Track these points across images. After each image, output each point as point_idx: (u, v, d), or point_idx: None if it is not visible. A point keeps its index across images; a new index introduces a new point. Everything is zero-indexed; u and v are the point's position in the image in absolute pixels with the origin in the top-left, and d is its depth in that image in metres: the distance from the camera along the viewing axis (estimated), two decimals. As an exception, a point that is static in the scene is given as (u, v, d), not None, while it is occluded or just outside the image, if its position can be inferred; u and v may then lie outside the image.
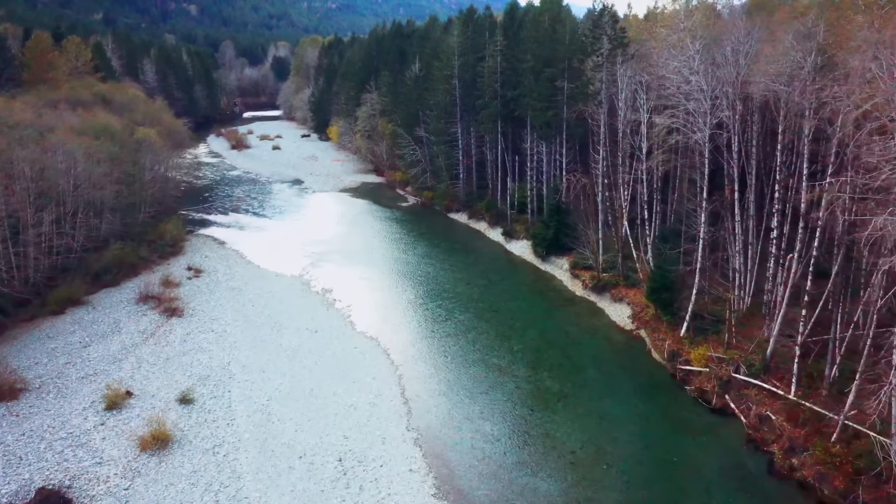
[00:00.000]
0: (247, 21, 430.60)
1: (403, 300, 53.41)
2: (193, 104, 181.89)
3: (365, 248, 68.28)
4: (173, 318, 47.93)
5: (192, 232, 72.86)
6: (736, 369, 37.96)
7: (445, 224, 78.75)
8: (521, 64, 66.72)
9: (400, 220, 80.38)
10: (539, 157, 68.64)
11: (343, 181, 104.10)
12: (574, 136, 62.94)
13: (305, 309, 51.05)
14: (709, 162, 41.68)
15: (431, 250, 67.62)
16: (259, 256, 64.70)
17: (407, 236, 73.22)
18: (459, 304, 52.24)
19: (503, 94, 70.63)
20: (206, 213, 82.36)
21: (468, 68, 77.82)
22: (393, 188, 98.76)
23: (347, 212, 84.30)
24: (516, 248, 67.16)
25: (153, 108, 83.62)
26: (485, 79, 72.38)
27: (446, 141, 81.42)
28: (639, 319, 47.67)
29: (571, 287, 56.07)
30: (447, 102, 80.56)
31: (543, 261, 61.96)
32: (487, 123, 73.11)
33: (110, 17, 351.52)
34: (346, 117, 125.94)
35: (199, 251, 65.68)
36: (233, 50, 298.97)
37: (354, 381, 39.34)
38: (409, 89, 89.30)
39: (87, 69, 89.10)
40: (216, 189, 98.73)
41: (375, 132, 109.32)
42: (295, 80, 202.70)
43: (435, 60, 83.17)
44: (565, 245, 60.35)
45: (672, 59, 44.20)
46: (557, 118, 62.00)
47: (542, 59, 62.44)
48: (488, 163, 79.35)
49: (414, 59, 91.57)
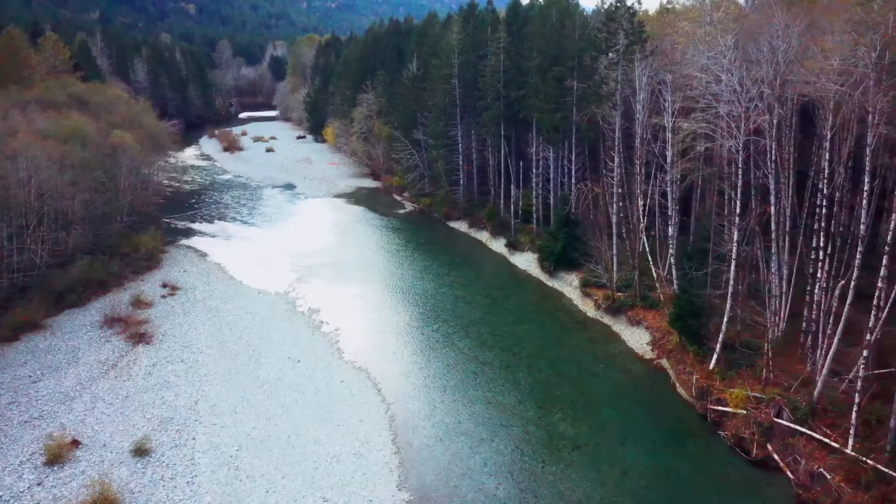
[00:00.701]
0: (245, 20, 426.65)
1: (398, 323, 48.38)
2: (187, 104, 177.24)
3: (358, 260, 63.27)
4: (140, 346, 42.91)
5: (174, 242, 67.89)
6: (778, 412, 32.94)
7: (445, 233, 73.74)
8: (526, 62, 61.74)
9: (396, 229, 75.37)
10: (545, 162, 63.65)
11: (337, 186, 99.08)
12: (584, 141, 57.96)
13: (289, 333, 46.04)
14: (742, 172, 36.66)
15: (430, 264, 62.60)
16: (243, 270, 59.69)
17: (403, 247, 68.21)
18: (460, 328, 47.22)
19: (506, 95, 65.63)
20: (191, 221, 77.37)
21: (469, 67, 72.82)
22: (390, 193, 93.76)
23: (340, 220, 79.30)
24: (521, 261, 62.14)
25: (135, 109, 78.70)
26: (487, 78, 67.39)
27: (445, 145, 76.42)
28: (660, 347, 42.63)
29: (582, 307, 51.04)
30: (446, 103, 75.58)
31: (551, 276, 56.95)
32: (489, 126, 68.12)
33: (106, 15, 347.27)
34: (341, 118, 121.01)
35: (178, 265, 60.68)
36: (230, 49, 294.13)
37: (339, 425, 34.31)
38: (406, 90, 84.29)
39: (65, 68, 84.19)
40: (204, 194, 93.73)
41: (372, 134, 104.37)
42: (291, 80, 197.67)
43: (433, 59, 78.20)
44: (574, 260, 55.46)
45: (699, 55, 39.21)
46: (566, 121, 57.01)
47: (550, 57, 57.46)
48: (490, 168, 74.36)
49: (411, 57, 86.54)
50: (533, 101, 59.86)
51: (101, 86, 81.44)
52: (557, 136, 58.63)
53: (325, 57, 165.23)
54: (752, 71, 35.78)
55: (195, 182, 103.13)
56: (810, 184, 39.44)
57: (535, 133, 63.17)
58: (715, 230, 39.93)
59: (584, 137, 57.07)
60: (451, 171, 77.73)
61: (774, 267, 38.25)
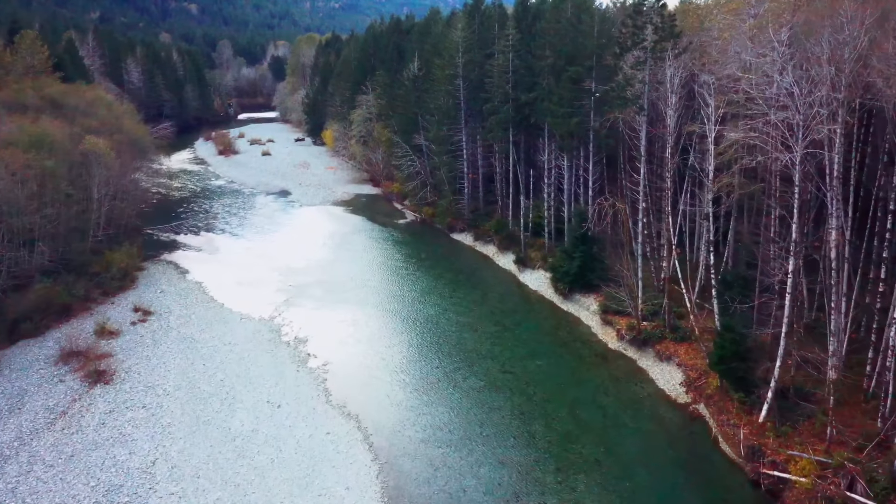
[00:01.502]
0: (248, 20, 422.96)
1: (394, 357, 42.75)
2: (183, 106, 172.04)
3: (353, 279, 57.68)
4: (97, 387, 37.41)
5: (154, 257, 62.48)
6: (850, 484, 27.24)
7: (448, 247, 68.10)
8: (537, 61, 56.10)
9: (396, 242, 69.78)
10: (558, 171, 58.03)
11: (335, 193, 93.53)
12: (602, 148, 52.27)
13: (271, 369, 40.48)
14: (800, 190, 30.97)
15: (432, 283, 56.99)
16: (226, 291, 54.18)
17: (403, 263, 62.60)
18: (464, 363, 41.60)
19: (516, 97, 59.99)
20: (176, 233, 71.89)
21: (474, 67, 67.22)
22: (390, 201, 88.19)
23: (336, 231, 73.73)
24: (531, 279, 56.48)
25: (116, 112, 73.38)
26: (494, 79, 61.78)
27: (449, 150, 70.84)
28: (696, 390, 36.92)
29: (603, 336, 45.37)
30: (450, 106, 69.98)
31: (565, 299, 51.29)
32: (497, 131, 62.48)
33: (107, 15, 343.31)
34: (341, 121, 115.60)
35: (155, 284, 55.22)
36: (230, 49, 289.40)
37: (321, 495, 28.72)
38: (406, 91, 78.71)
39: (43, 68, 79.00)
40: (193, 203, 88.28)
41: (371, 138, 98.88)
42: (291, 81, 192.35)
43: (436, 58, 72.59)
44: (592, 281, 49.89)
45: (744, 52, 33.54)
46: (583, 127, 51.34)
47: (565, 56, 51.82)
48: (497, 177, 68.71)
49: (412, 57, 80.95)
50: (545, 105, 54.23)
51: (81, 87, 76.07)
52: (572, 144, 52.98)
53: (325, 57, 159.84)
54: (812, 70, 30.10)
55: (185, 189, 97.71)
56: (877, 203, 33.78)
57: (546, 139, 57.53)
58: (761, 255, 34.25)
59: (602, 145, 51.37)
60: (455, 179, 72.19)
61: (833, 300, 32.56)
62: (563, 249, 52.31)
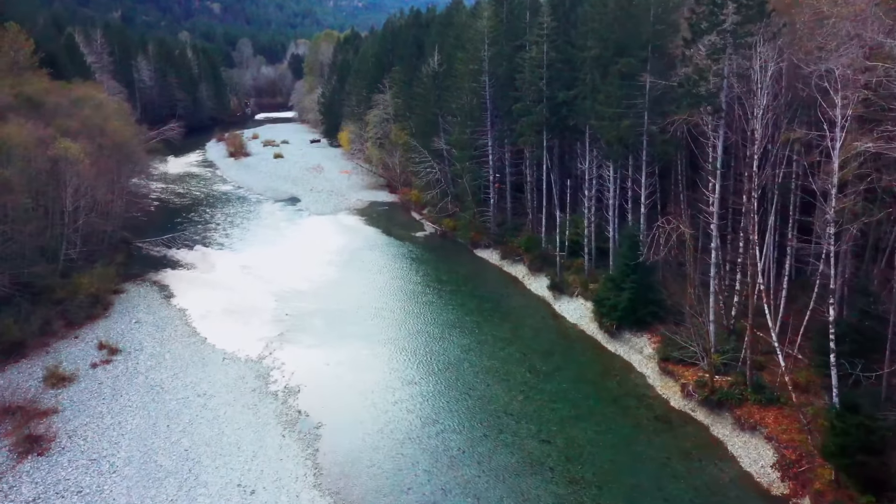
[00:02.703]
0: (270, 19, 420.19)
1: (405, 419, 34.44)
2: (197, 105, 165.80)
3: (360, 307, 49.57)
4: (27, 460, 29.68)
5: (137, 277, 55.09)
6: None
7: (471, 266, 59.72)
8: (578, 53, 47.54)
9: (412, 260, 61.58)
10: (601, 182, 49.44)
11: (348, 200, 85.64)
12: (658, 157, 43.56)
13: (249, 434, 32.48)
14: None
15: (453, 313, 48.69)
16: (212, 321, 46.48)
17: (420, 287, 54.35)
18: (492, 428, 33.23)
19: (551, 96, 51.49)
20: (168, 247, 64.29)
21: (502, 61, 58.83)
22: (407, 210, 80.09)
23: (346, 245, 65.73)
24: (569, 310, 47.94)
25: (105, 112, 66.24)
26: (525, 75, 53.31)
27: (472, 156, 62.46)
28: (797, 479, 28.15)
29: (662, 390, 36.69)
30: (474, 106, 61.61)
31: (612, 337, 42.69)
32: (528, 135, 53.97)
33: (129, 14, 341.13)
34: (357, 122, 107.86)
35: (131, 311, 47.67)
36: (250, 48, 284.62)
37: None
38: (425, 89, 70.46)
39: (28, 63, 72.29)
40: (193, 211, 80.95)
41: (388, 140, 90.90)
42: (308, 80, 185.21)
43: (458, 51, 64.27)
44: (645, 318, 41.33)
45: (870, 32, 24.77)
46: (635, 131, 42.66)
47: (613, 46, 43.19)
48: (527, 186, 60.18)
49: (432, 51, 72.68)
50: (588, 104, 45.68)
51: (67, 85, 69.13)
52: (620, 151, 44.28)
53: (342, 54, 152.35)
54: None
55: (188, 195, 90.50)
56: None
57: (588, 145, 49.01)
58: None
59: (659, 153, 42.63)
60: (480, 189, 63.77)
61: None
62: (610, 278, 43.65)
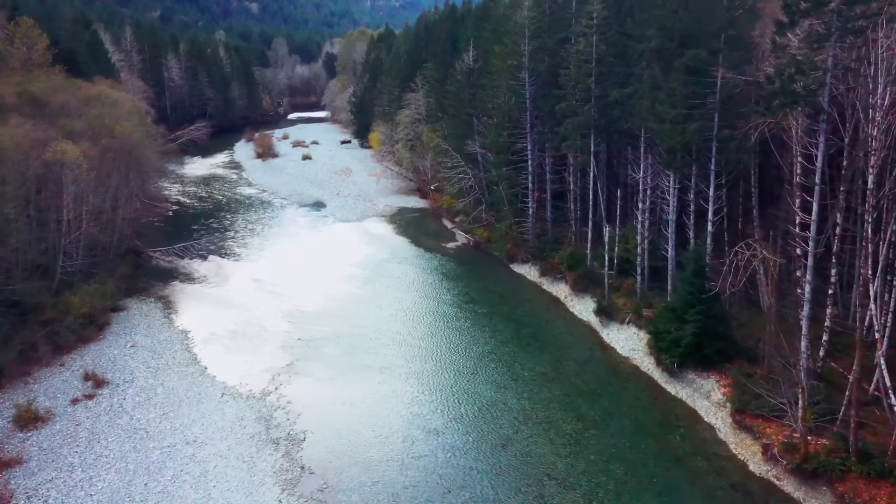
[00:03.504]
0: (308, 19, 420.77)
1: (427, 480, 28.71)
2: (229, 105, 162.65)
3: (381, 331, 44.10)
4: (-29, 530, 24.87)
5: (143, 291, 50.75)
6: None
7: (507, 283, 53.81)
8: (635, 45, 41.32)
9: (442, 275, 55.92)
10: (658, 193, 43.16)
11: (376, 205, 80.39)
12: (729, 166, 37.08)
13: (240, 499, 27.15)
14: None
15: (486, 341, 42.87)
16: (215, 347, 41.56)
17: (449, 308, 48.63)
18: (531, 495, 27.34)
19: (601, 94, 45.37)
20: (181, 257, 59.58)
21: (545, 56, 52.99)
22: (439, 217, 74.51)
23: (370, 256, 60.38)
24: (619, 340, 41.79)
25: (116, 112, 62.05)
26: (572, 71, 47.27)
27: (510, 161, 56.57)
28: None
29: (737, 449, 30.35)
30: (512, 106, 55.75)
31: (672, 377, 36.43)
32: (574, 138, 47.89)
33: (167, 14, 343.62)
34: (388, 122, 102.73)
35: (128, 333, 43.01)
36: (285, 47, 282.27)
37: None
38: (459, 87, 64.71)
39: (42, 61, 68.57)
40: (213, 217, 76.54)
41: (419, 142, 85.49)
42: (340, 79, 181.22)
43: (496, 46, 58.40)
44: (712, 357, 35.07)
45: None
46: (703, 135, 36.27)
47: (678, 35, 36.91)
48: (571, 196, 54.06)
49: (467, 46, 66.89)
50: (646, 104, 39.43)
51: (76, 83, 65.20)
52: (685, 160, 37.91)
53: (375, 52, 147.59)
54: None
55: (210, 199, 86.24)
56: None
57: (643, 150, 42.75)
58: None
59: (731, 162, 36.16)
60: (517, 197, 57.81)
61: None
62: (670, 307, 37.30)
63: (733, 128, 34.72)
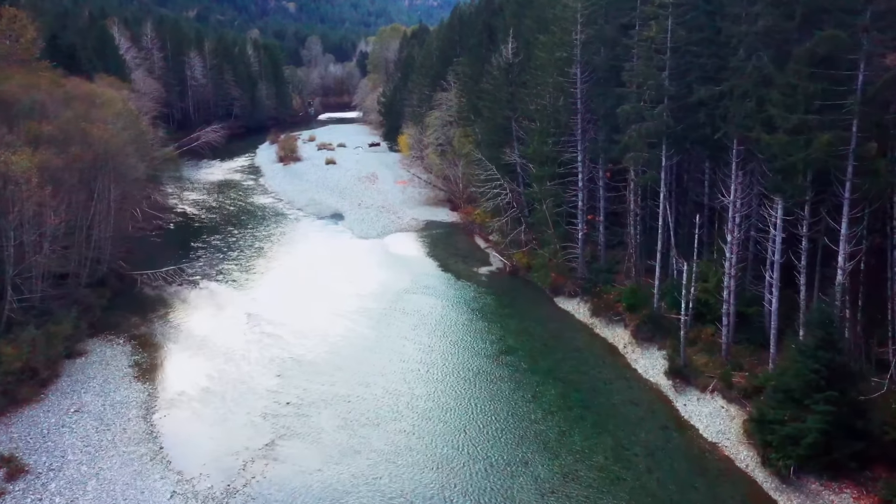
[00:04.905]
0: (345, 18, 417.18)
1: None
2: (255, 105, 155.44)
3: (391, 392, 34.74)
4: None
5: (112, 331, 42.29)
6: None
7: (551, 322, 44.00)
8: (731, 28, 31.12)
9: (472, 311, 46.38)
10: (755, 222, 32.92)
11: (400, 219, 71.29)
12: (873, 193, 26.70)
13: None
14: None
15: (523, 412, 33.16)
16: (179, 413, 32.79)
17: (478, 360, 38.95)
18: None
19: (677, 94, 35.25)
20: (169, 282, 51.16)
21: (601, 46, 42.98)
22: (470, 234, 65.07)
23: (387, 284, 51.15)
24: (702, 415, 31.77)
25: (102, 113, 54.12)
26: (637, 64, 37.31)
27: (556, 175, 46.71)
28: None
29: None
30: (559, 108, 45.93)
31: (786, 483, 26.27)
32: (640, 149, 37.79)
33: (204, 14, 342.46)
34: (418, 123, 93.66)
35: (77, 391, 34.56)
36: (319, 46, 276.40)
37: None
38: (496, 85, 55.02)
39: (27, 55, 60.99)
40: (217, 231, 68.22)
41: (450, 147, 76.10)
42: (372, 78, 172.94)
43: (541, 35, 48.62)
44: (846, 463, 24.89)
45: None
46: (834, 149, 25.99)
47: (801, 11, 26.70)
48: (631, 218, 43.95)
49: (505, 38, 57.18)
50: (748, 106, 29.19)
51: (60, 80, 57.30)
52: (803, 185, 27.62)
53: (408, 49, 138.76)
54: None
55: (219, 209, 78.07)
56: None
57: (735, 166, 32.55)
58: None
59: (878, 187, 25.82)
60: (564, 218, 47.92)
61: None
62: (784, 388, 27.04)
63: (882, 139, 24.44)
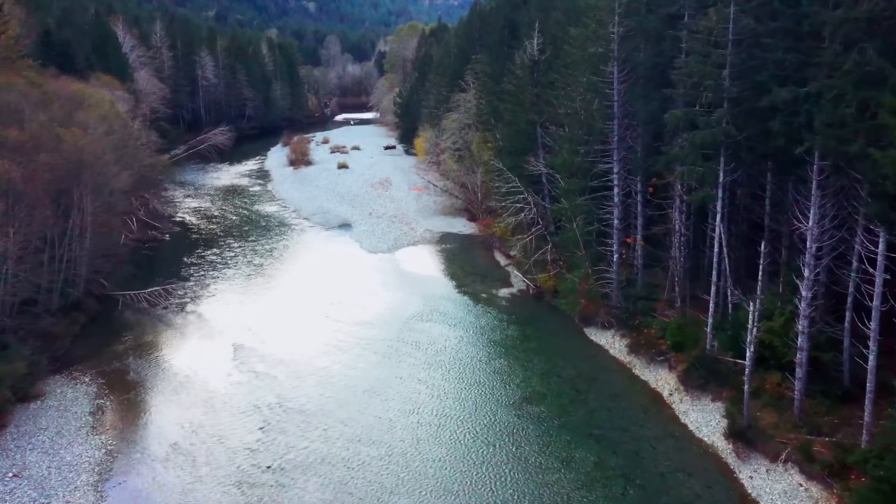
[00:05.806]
0: (365, 18, 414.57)
1: None
2: (269, 105, 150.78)
3: (395, 453, 29.01)
4: None
5: (78, 365, 37.08)
6: None
7: (582, 360, 37.95)
8: (816, 16, 24.91)
9: (490, 343, 40.56)
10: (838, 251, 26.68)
11: (413, 231, 65.62)
12: None
13: None
14: None
15: (554, 481, 27.21)
16: (135, 482, 27.32)
17: (502, 410, 32.95)
18: None
19: (740, 96, 29.09)
20: (153, 304, 45.88)
21: (643, 40, 36.86)
22: (490, 248, 59.20)
23: (396, 309, 45.44)
24: (776, 495, 25.77)
25: (87, 115, 49.09)
26: (690, 60, 31.20)
27: (588, 189, 40.61)
28: None
29: None
30: (593, 112, 39.81)
31: None
32: (692, 162, 31.61)
33: (223, 13, 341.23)
34: (434, 126, 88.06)
35: (23, 446, 29.35)
36: (338, 45, 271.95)
37: None
38: (519, 85, 49.02)
39: (10, 52, 56.17)
40: (216, 243, 62.96)
41: (469, 152, 70.39)
42: (389, 77, 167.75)
43: (571, 28, 42.60)
44: None
45: None
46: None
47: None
48: (676, 240, 37.70)
49: (530, 33, 51.19)
50: (846, 113, 22.99)
51: (38, 80, 52.31)
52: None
53: (426, 48, 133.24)
54: None
55: (221, 218, 72.93)
56: None
57: (814, 185, 26.35)
58: None
59: None
60: (596, 237, 41.80)
61: None
62: (886, 476, 20.80)
63: None
